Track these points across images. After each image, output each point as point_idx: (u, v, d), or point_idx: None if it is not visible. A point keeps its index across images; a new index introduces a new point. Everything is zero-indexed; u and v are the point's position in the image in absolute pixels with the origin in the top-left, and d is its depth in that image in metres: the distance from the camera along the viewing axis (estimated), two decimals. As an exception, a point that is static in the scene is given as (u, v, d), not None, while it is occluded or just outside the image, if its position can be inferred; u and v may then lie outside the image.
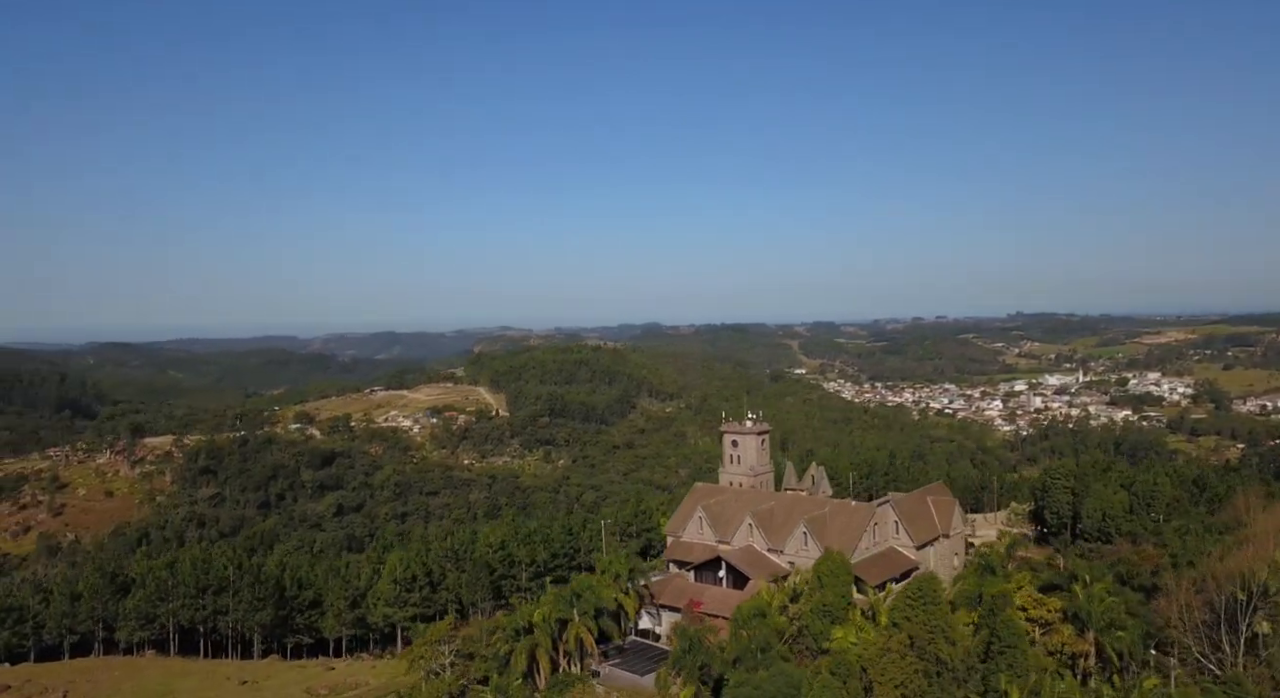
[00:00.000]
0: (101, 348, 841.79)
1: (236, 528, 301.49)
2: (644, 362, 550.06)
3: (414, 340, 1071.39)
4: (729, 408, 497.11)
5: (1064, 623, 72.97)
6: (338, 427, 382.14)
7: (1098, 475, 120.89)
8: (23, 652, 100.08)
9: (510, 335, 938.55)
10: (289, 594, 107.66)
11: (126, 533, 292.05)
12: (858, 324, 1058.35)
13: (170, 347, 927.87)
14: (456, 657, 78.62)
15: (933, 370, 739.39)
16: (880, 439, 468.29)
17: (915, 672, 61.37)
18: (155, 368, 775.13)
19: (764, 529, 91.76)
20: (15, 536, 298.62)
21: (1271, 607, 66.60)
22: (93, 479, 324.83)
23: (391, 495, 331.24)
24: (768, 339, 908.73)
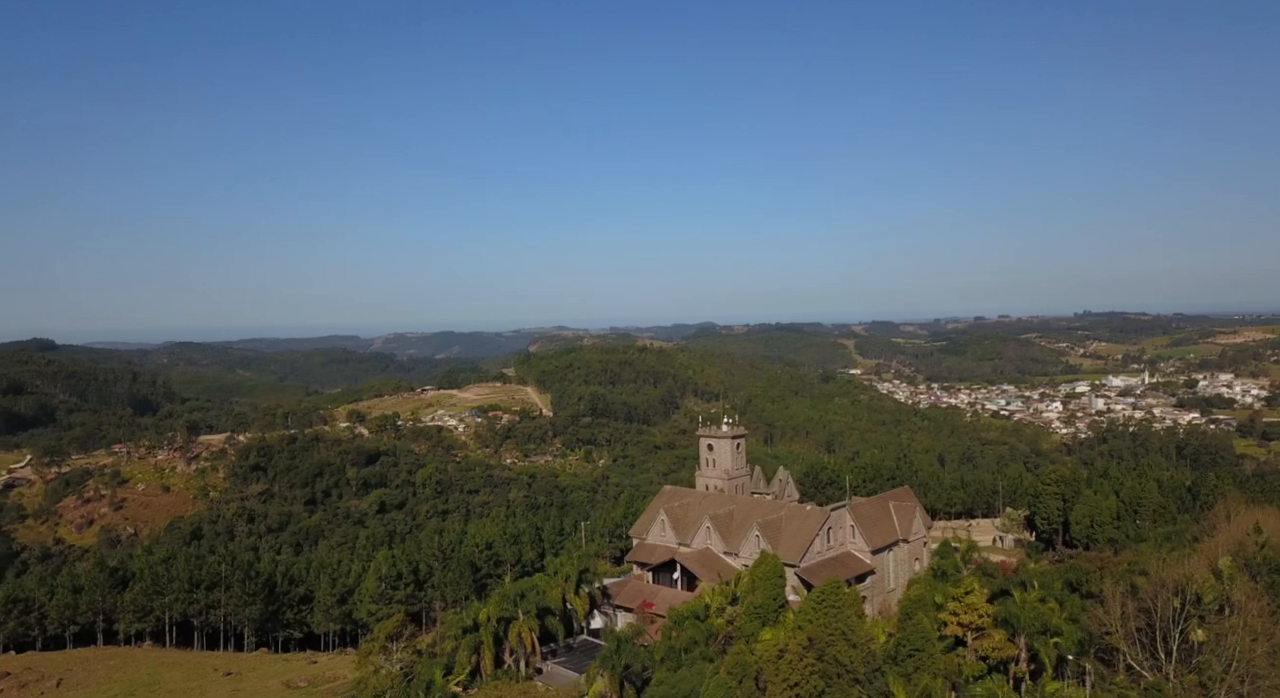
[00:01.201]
0: (175, 347, 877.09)
1: (284, 524, 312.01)
2: (690, 362, 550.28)
3: (472, 340, 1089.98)
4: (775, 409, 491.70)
5: (996, 628, 72.58)
6: (385, 425, 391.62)
7: (1089, 482, 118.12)
8: (29, 641, 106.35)
9: (564, 335, 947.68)
10: (280, 590, 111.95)
11: (180, 527, 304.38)
12: (917, 323, 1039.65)
13: (239, 346, 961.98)
14: (405, 654, 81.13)
15: (992, 371, 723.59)
16: (928, 442, 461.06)
17: (812, 673, 61.67)
18: (224, 367, 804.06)
19: (721, 532, 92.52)
20: (80, 528, 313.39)
21: (1205, 615, 65.43)
22: (152, 475, 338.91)
23: (433, 494, 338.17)
24: (823, 339, 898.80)
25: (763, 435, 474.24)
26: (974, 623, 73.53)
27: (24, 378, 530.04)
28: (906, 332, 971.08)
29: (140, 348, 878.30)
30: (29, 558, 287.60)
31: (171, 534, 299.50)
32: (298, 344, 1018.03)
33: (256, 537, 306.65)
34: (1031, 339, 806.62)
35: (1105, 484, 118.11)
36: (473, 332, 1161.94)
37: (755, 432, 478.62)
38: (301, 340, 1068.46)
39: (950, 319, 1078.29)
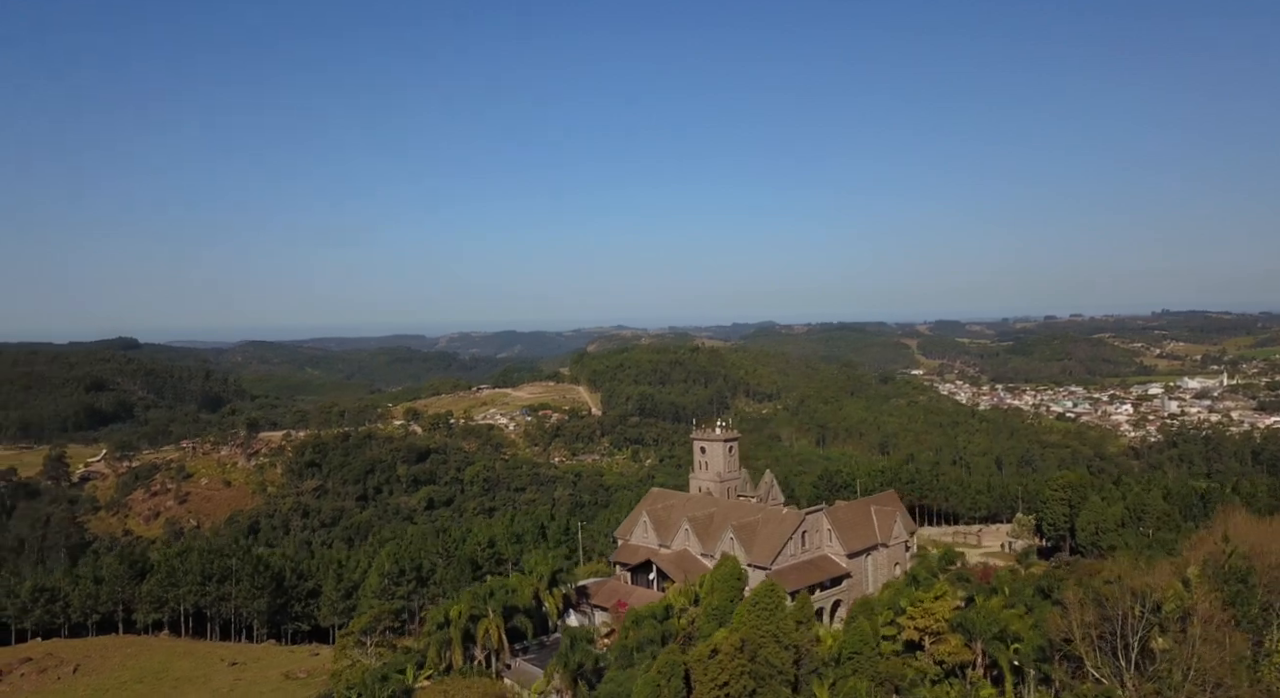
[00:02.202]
0: (249, 346, 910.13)
1: (336, 519, 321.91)
2: (742, 362, 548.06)
3: (533, 339, 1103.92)
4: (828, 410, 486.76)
5: (953, 633, 72.07)
6: (438, 423, 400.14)
7: (1097, 488, 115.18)
8: (55, 628, 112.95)
9: (622, 335, 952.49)
10: (288, 584, 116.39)
11: (239, 520, 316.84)
12: (984, 323, 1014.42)
13: (309, 345, 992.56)
14: (381, 648, 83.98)
15: (1060, 372, 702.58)
16: (985, 444, 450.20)
17: (743, 673, 62.21)
18: (294, 365, 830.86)
19: (699, 534, 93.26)
20: (147, 520, 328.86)
21: (1166, 623, 64.03)
22: (215, 470, 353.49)
23: (480, 491, 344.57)
24: (885, 339, 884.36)
25: (815, 437, 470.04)
26: (930, 627, 73.20)
27: (105, 376, 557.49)
28: (973, 331, 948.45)
29: (217, 346, 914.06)
30: (99, 548, 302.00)
31: (231, 527, 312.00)
32: (365, 343, 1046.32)
33: (310, 531, 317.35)
34: (1104, 339, 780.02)
35: (1115, 491, 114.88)
36: (534, 331, 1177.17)
37: (808, 433, 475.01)
38: (369, 339, 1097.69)
39: (1019, 319, 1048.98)
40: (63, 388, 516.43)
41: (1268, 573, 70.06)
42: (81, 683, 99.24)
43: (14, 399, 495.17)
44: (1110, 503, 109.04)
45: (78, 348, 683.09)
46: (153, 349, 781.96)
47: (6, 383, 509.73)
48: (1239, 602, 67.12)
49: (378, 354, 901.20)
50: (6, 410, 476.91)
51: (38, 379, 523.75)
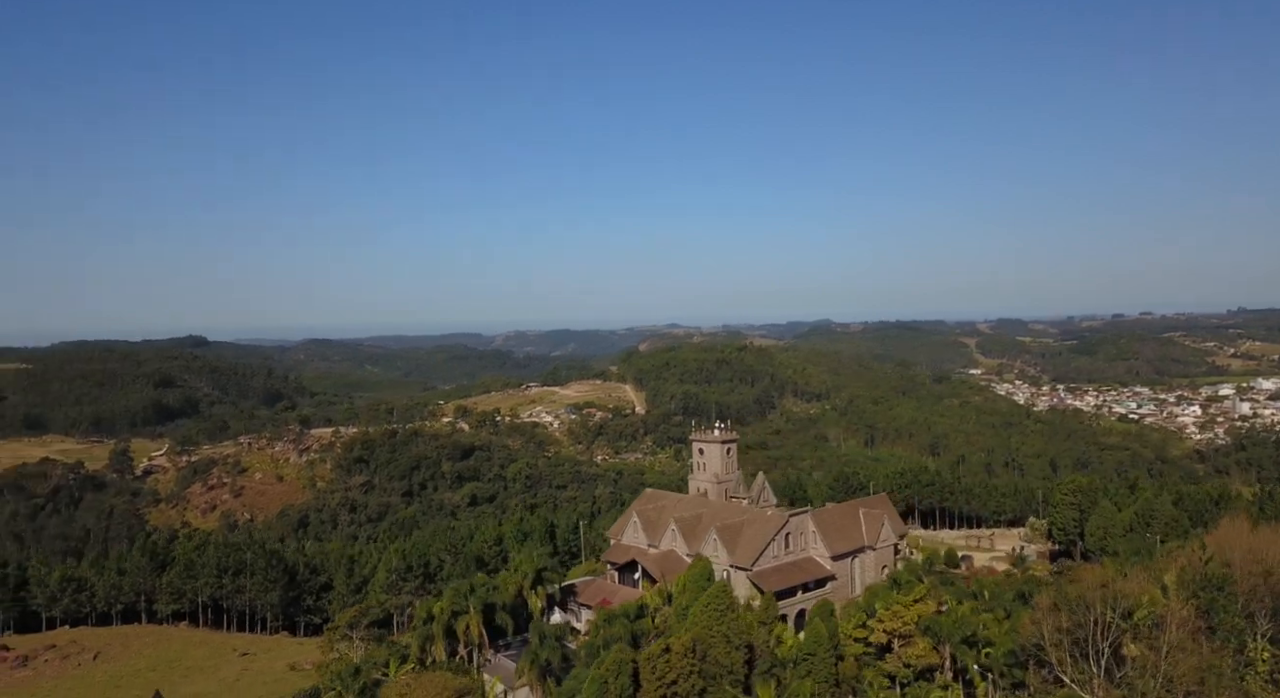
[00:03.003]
0: (312, 344, 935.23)
1: (382, 514, 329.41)
2: (791, 361, 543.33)
3: (587, 338, 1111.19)
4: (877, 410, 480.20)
5: (922, 636, 71.51)
6: (485, 421, 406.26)
7: (1110, 492, 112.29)
8: (82, 617, 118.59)
9: (675, 333, 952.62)
10: (300, 578, 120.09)
11: (289, 515, 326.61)
12: (1048, 321, 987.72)
13: (369, 343, 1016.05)
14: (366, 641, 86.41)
15: (1125, 372, 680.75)
16: (1040, 446, 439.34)
17: (691, 673, 62.62)
18: (354, 363, 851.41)
19: (685, 535, 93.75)
20: (204, 513, 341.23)
21: (1139, 630, 62.93)
22: (268, 465, 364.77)
23: (522, 488, 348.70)
24: (943, 338, 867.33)
25: (864, 437, 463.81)
26: (898, 630, 72.76)
27: (174, 373, 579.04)
28: (1035, 330, 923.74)
29: (281, 344, 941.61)
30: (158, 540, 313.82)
31: (281, 521, 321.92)
32: (423, 342, 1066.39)
33: (357, 526, 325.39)
34: (1174, 338, 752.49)
35: (1128, 496, 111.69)
36: (588, 329, 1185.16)
37: (856, 433, 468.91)
38: (427, 338, 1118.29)
39: (1086, 317, 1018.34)
40: (133, 384, 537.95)
41: (1249, 581, 67.96)
42: (100, 670, 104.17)
43: (88, 395, 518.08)
44: (1122, 508, 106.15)
45: (150, 345, 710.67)
46: (220, 347, 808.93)
47: (81, 379, 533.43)
48: (1214, 610, 65.56)
49: (435, 352, 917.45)
50: (81, 406, 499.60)
51: (110, 376, 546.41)
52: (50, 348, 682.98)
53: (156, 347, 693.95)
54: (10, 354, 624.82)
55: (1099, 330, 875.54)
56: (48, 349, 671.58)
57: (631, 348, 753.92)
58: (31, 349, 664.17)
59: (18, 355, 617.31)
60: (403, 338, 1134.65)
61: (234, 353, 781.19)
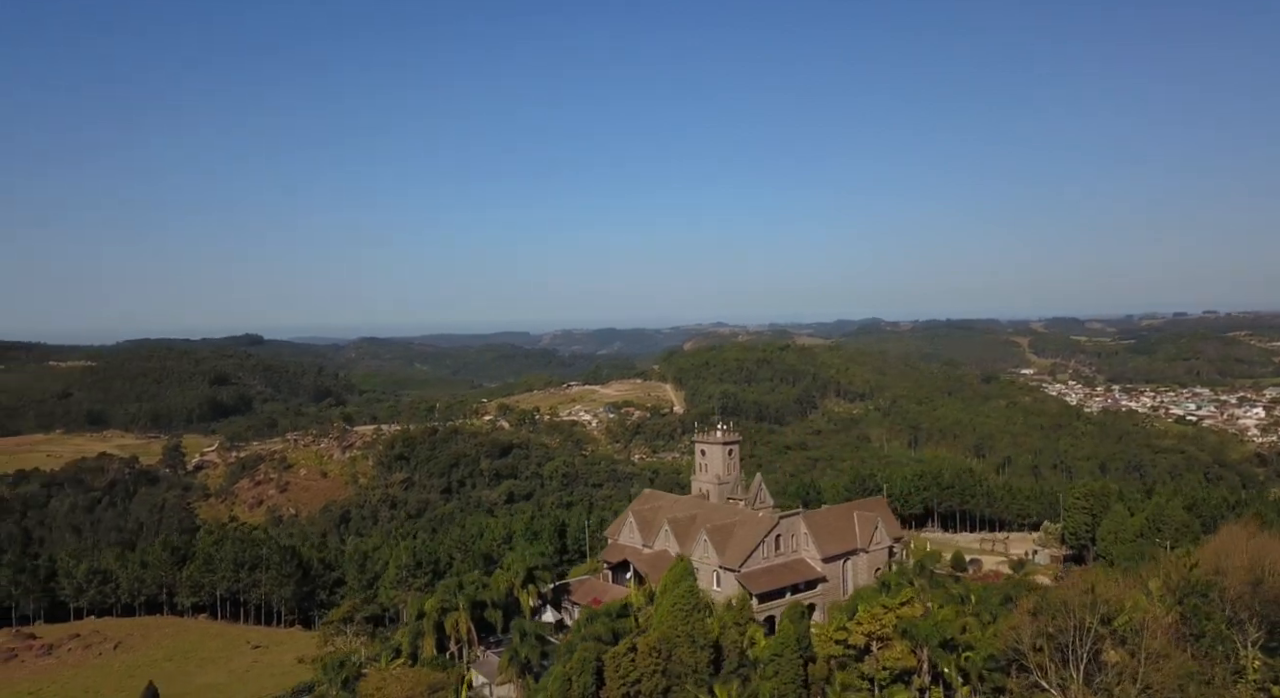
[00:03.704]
0: (364, 343, 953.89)
1: (421, 510, 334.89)
2: (834, 361, 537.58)
3: (633, 337, 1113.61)
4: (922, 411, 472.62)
5: (901, 639, 71.09)
6: (524, 419, 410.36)
7: (1125, 497, 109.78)
8: (107, 607, 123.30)
9: (720, 332, 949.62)
10: (314, 573, 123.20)
11: (332, 510, 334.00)
12: (1105, 320, 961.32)
13: (420, 342, 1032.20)
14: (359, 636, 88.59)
15: (1185, 372, 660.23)
16: (1090, 448, 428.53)
17: (655, 672, 63.20)
18: (404, 361, 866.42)
19: (678, 536, 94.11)
20: (251, 507, 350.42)
21: (1125, 636, 62.52)
22: (313, 461, 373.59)
23: (559, 486, 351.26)
24: (994, 337, 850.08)
25: (908, 438, 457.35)
26: (877, 632, 72.33)
27: (229, 371, 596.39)
28: (1092, 329, 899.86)
29: (335, 343, 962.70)
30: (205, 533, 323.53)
31: (324, 516, 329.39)
32: (472, 340, 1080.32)
33: (397, 522, 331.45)
34: (1239, 338, 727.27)
35: (1143, 501, 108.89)
36: (634, 328, 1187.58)
37: (900, 434, 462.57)
38: (477, 337, 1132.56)
39: (1146, 315, 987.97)
40: (190, 382, 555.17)
41: (1237, 588, 66.30)
42: (118, 659, 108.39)
43: (147, 392, 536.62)
44: (1135, 513, 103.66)
45: (209, 344, 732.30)
46: (276, 345, 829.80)
47: (141, 377, 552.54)
48: (1197, 616, 64.36)
49: (483, 351, 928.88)
50: (141, 402, 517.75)
51: (169, 374, 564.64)
52: (115, 346, 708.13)
53: (214, 345, 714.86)
54: (78, 352, 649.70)
55: (1159, 329, 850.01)
56: (113, 347, 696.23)
57: (675, 347, 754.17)
58: (98, 347, 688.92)
59: (85, 354, 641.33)
60: (452, 337, 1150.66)
61: (289, 351, 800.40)
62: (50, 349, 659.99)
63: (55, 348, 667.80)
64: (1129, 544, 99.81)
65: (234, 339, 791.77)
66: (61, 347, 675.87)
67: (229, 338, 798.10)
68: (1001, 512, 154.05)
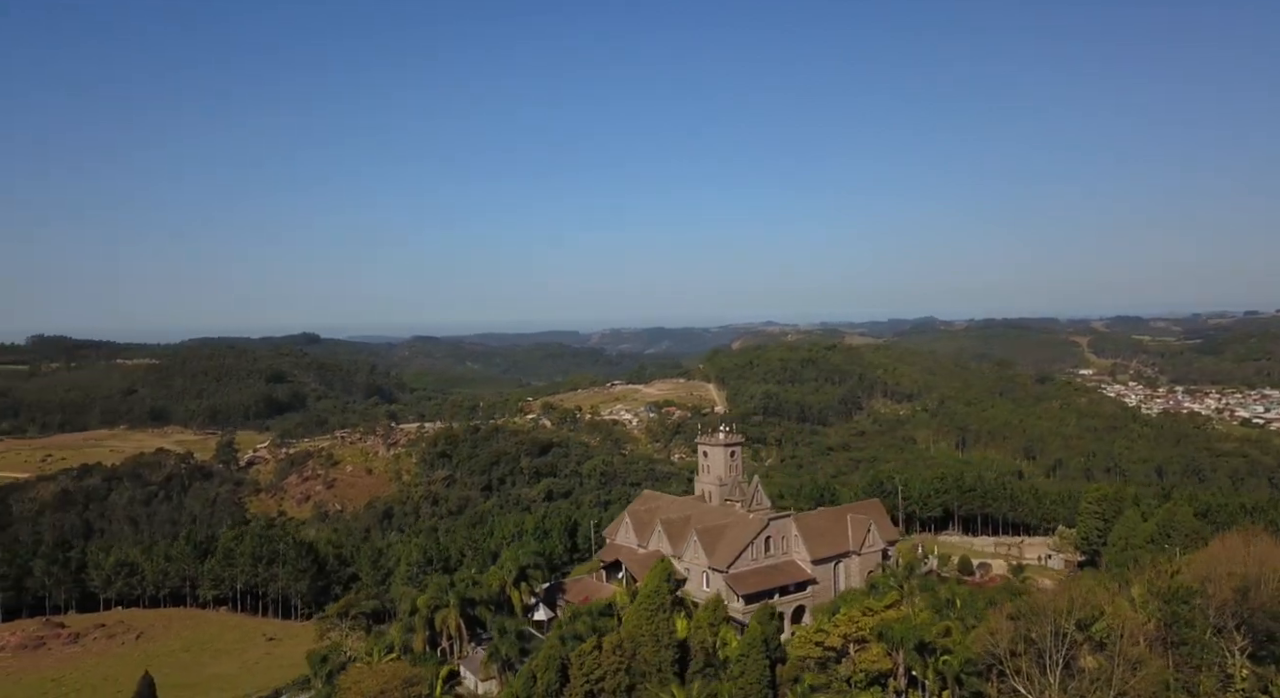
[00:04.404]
0: (417, 342, 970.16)
1: (462, 507, 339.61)
2: (882, 361, 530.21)
3: (682, 336, 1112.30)
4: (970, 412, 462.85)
5: (878, 642, 70.65)
6: (566, 418, 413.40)
7: (1139, 501, 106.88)
8: (134, 599, 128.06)
9: (769, 331, 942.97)
10: (329, 568, 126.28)
11: (376, 506, 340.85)
12: (1171, 319, 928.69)
13: (471, 341, 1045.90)
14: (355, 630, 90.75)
15: (1256, 373, 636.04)
16: (1147, 451, 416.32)
17: (619, 670, 63.86)
18: (455, 360, 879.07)
19: (671, 537, 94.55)
20: (299, 503, 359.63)
21: (1103, 641, 62.67)
22: (359, 458, 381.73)
23: (597, 484, 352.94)
24: (1053, 336, 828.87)
25: (955, 440, 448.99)
26: (853, 635, 71.96)
27: (284, 369, 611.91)
28: (1156, 328, 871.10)
29: (389, 342, 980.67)
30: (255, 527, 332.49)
31: (368, 512, 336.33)
32: (522, 339, 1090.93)
33: (438, 518, 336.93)
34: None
35: (1159, 506, 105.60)
36: (683, 327, 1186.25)
37: (947, 435, 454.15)
38: (526, 336, 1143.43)
39: (1214, 314, 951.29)
40: (247, 379, 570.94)
41: (1223, 596, 64.52)
42: (139, 649, 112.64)
43: (206, 389, 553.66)
44: (1148, 518, 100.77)
45: (268, 343, 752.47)
46: (332, 344, 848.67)
47: (201, 375, 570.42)
48: (1179, 623, 62.90)
49: (533, 350, 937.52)
50: (200, 399, 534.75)
51: (227, 371, 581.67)
52: (179, 345, 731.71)
53: (273, 344, 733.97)
54: (144, 351, 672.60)
55: (1228, 329, 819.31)
56: (177, 346, 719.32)
57: (722, 346, 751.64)
58: (164, 346, 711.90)
59: (150, 352, 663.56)
60: (503, 336, 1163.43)
61: (344, 350, 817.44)
62: (119, 348, 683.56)
63: (124, 346, 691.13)
64: (1139, 550, 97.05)
65: (291, 338, 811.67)
66: (130, 345, 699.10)
67: (287, 337, 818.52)
68: (1026, 516, 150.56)
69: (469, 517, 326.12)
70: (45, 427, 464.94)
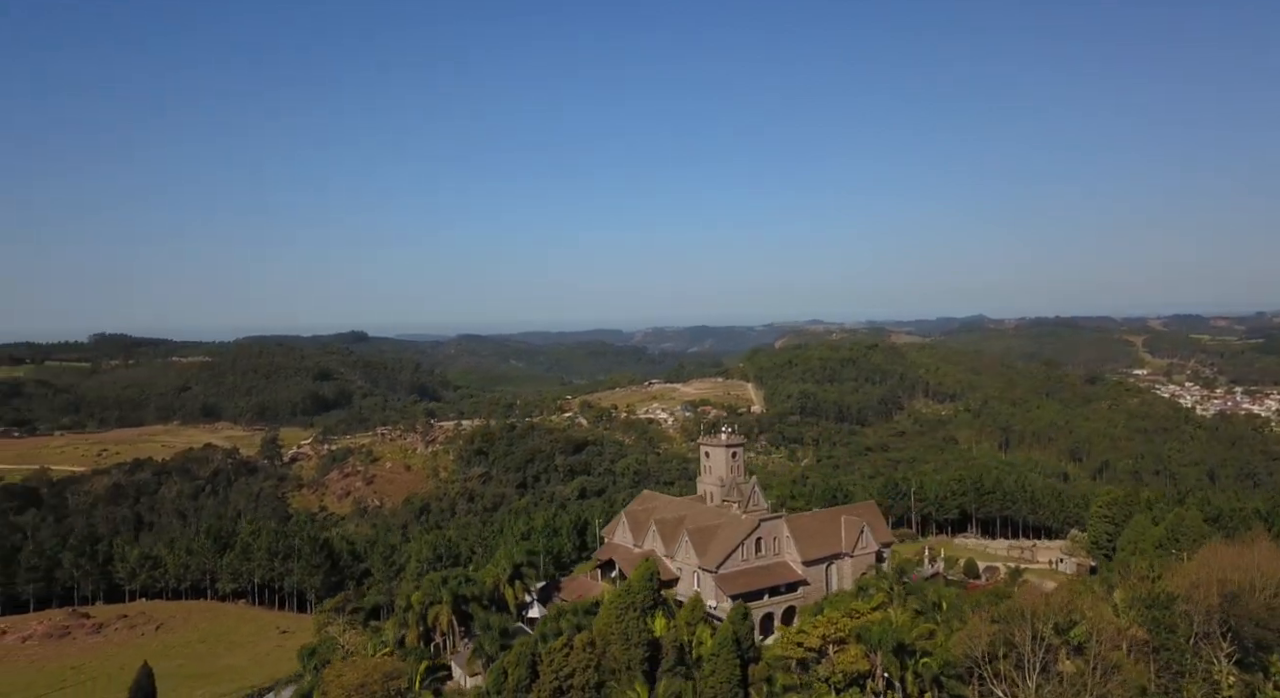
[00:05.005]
0: (463, 340, 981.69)
1: (497, 504, 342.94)
2: (924, 360, 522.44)
3: (725, 334, 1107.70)
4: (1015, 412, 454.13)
5: (857, 643, 70.36)
6: (601, 417, 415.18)
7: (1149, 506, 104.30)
8: (158, 591, 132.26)
9: (814, 330, 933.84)
10: (343, 563, 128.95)
11: (413, 502, 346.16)
12: (1233, 317, 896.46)
13: (516, 339, 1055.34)
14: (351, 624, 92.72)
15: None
16: (1199, 453, 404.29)
17: (587, 667, 64.45)
18: (500, 358, 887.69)
19: (664, 537, 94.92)
20: (339, 498, 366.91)
21: (1081, 646, 62.02)
22: (398, 455, 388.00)
23: (630, 483, 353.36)
24: (1106, 335, 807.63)
25: (998, 441, 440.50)
26: (831, 636, 71.66)
27: (332, 367, 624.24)
28: (1217, 327, 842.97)
29: (436, 340, 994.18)
30: (297, 522, 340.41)
31: (406, 508, 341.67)
32: (566, 338, 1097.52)
33: (473, 515, 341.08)
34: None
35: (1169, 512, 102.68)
36: (727, 326, 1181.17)
37: (990, 436, 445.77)
38: (571, 334, 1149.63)
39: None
40: (295, 377, 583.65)
41: (1207, 602, 63.10)
42: (158, 640, 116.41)
43: (256, 386, 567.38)
44: (1158, 522, 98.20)
45: (318, 340, 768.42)
46: (380, 342, 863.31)
47: (251, 372, 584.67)
48: (1159, 629, 61.91)
49: (575, 348, 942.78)
50: (250, 396, 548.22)
51: (276, 369, 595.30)
52: (233, 343, 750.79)
53: (322, 343, 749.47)
54: (200, 348, 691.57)
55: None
56: (231, 344, 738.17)
57: (765, 345, 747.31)
58: (218, 343, 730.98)
59: (205, 350, 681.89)
60: (547, 334, 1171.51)
61: (391, 348, 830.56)
62: (175, 345, 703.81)
63: (180, 344, 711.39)
64: (1148, 555, 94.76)
65: (340, 336, 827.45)
66: (185, 343, 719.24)
67: (336, 335, 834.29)
68: (1048, 519, 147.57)
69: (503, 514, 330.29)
70: (103, 422, 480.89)
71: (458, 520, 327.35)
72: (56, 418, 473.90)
